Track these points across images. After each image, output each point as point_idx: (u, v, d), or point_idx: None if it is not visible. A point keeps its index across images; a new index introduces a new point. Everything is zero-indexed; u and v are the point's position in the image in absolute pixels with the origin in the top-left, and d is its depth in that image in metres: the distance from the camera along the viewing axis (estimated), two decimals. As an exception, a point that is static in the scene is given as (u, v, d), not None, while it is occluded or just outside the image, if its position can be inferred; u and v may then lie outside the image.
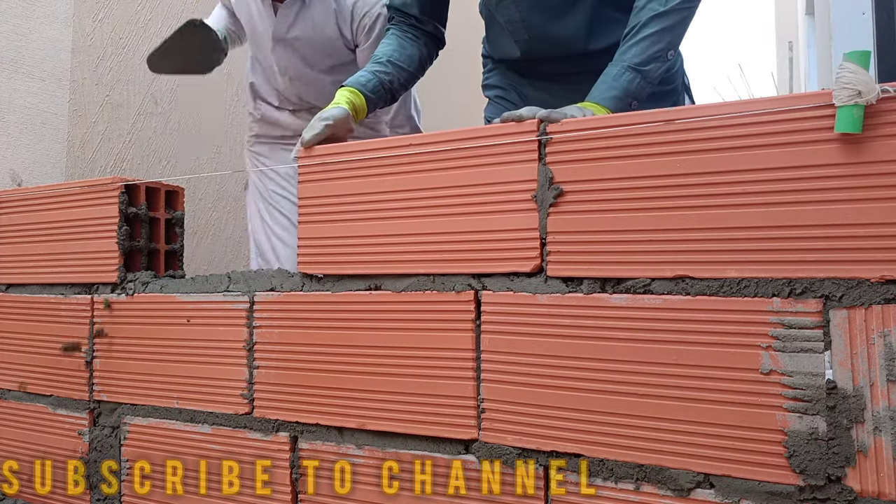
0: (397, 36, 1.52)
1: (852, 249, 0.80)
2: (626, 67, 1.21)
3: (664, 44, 1.23)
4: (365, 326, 1.09)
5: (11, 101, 1.92)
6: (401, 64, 1.47)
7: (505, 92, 1.62)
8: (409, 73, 1.49)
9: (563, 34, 1.44)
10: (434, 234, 1.05)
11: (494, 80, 1.65)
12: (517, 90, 1.60)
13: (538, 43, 1.47)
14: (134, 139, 2.27)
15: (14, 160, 1.92)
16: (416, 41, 1.52)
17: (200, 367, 1.26)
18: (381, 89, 1.42)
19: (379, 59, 1.47)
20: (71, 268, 1.44)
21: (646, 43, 1.22)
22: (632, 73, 1.20)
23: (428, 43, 1.55)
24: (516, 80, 1.60)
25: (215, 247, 2.57)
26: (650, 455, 0.89)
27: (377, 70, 1.43)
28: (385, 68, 1.44)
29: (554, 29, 1.44)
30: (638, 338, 0.90)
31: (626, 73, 1.20)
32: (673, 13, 1.23)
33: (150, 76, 2.31)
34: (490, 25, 1.58)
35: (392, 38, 1.52)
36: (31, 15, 1.97)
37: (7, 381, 1.53)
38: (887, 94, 0.78)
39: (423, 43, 1.53)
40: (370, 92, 1.39)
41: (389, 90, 1.45)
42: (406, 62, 1.48)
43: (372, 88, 1.39)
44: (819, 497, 0.80)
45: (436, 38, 1.57)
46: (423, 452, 1.04)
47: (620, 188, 0.93)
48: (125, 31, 2.25)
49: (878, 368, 0.78)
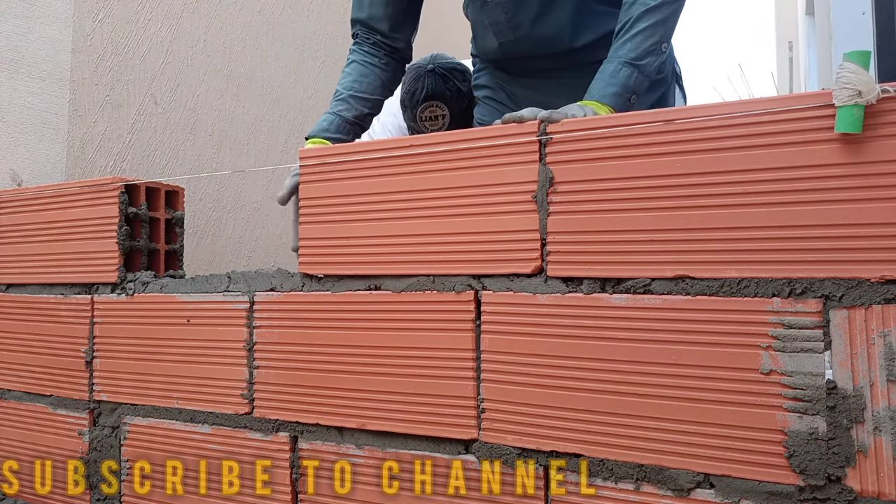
0: (358, 63, 1.50)
1: (852, 249, 0.80)
2: (623, 63, 1.21)
3: (658, 37, 1.23)
4: (365, 326, 1.10)
5: (11, 101, 1.92)
6: (362, 95, 1.46)
7: (493, 92, 1.62)
8: (373, 101, 1.48)
9: (549, 32, 1.44)
10: (434, 234, 1.05)
11: (483, 80, 1.65)
12: (505, 89, 1.60)
13: (524, 43, 1.47)
14: (134, 139, 2.27)
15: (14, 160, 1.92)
16: (377, 64, 1.49)
17: (200, 367, 1.26)
18: (346, 126, 1.43)
19: (340, 95, 1.46)
20: (71, 268, 1.44)
21: (640, 38, 1.22)
22: (629, 68, 1.21)
23: (391, 63, 1.52)
24: (504, 79, 1.60)
25: (215, 247, 2.57)
26: (650, 455, 0.89)
27: (339, 110, 1.44)
28: (346, 105, 1.44)
29: (539, 28, 1.44)
30: (638, 338, 0.90)
31: (623, 68, 1.21)
32: (664, 6, 1.23)
33: (150, 76, 2.31)
34: (475, 26, 1.57)
35: (352, 67, 1.50)
36: (31, 15, 1.97)
37: (7, 381, 1.53)
38: (887, 94, 0.78)
39: (386, 63, 1.51)
40: (336, 133, 1.41)
41: (356, 124, 1.45)
42: (368, 90, 1.47)
43: (336, 129, 1.41)
44: (819, 497, 0.80)
45: (400, 56, 1.54)
46: (423, 452, 1.05)
47: (620, 188, 0.93)
48: (125, 31, 2.24)
49: (878, 368, 0.78)
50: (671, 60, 1.57)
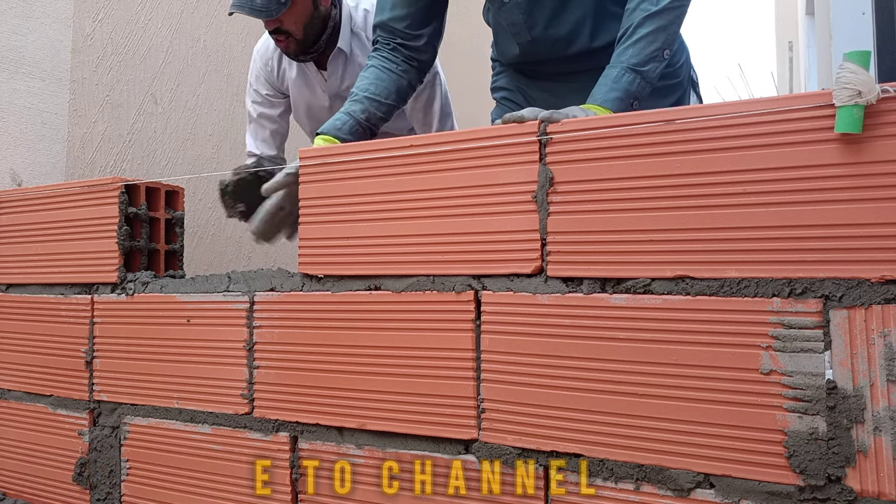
0: (375, 67, 1.49)
1: (852, 249, 0.80)
2: (626, 68, 1.21)
3: (660, 43, 1.23)
4: (365, 326, 1.09)
5: (11, 101, 1.92)
6: (377, 98, 1.45)
7: (511, 94, 1.62)
8: (387, 105, 1.47)
9: (566, 32, 1.44)
10: (434, 234, 1.05)
11: (502, 83, 1.66)
12: (523, 92, 1.61)
13: (541, 43, 1.47)
14: (134, 139, 2.27)
15: (14, 160, 1.92)
16: (395, 70, 1.49)
17: (200, 367, 1.26)
18: (357, 127, 1.42)
19: (355, 95, 1.46)
20: (71, 268, 1.44)
21: (642, 44, 1.22)
22: (632, 73, 1.21)
23: (409, 70, 1.51)
24: (522, 82, 1.61)
25: (215, 247, 2.57)
26: (650, 455, 0.89)
27: (352, 109, 1.43)
28: (360, 105, 1.44)
29: (555, 28, 1.45)
30: (638, 338, 0.90)
31: (626, 74, 1.21)
32: (665, 12, 1.23)
33: (150, 76, 2.31)
34: (495, 30, 1.59)
35: (370, 71, 1.49)
36: (31, 15, 1.97)
37: (7, 381, 1.53)
38: (887, 94, 0.78)
39: (404, 70, 1.50)
40: (347, 134, 1.40)
41: (367, 127, 1.44)
42: (383, 94, 1.46)
43: (348, 130, 1.41)
44: (819, 497, 0.80)
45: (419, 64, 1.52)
46: (423, 452, 1.04)
47: (621, 188, 0.93)
48: (125, 31, 2.24)
49: (878, 368, 0.78)
50: (687, 67, 1.57)
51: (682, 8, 1.26)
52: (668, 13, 1.24)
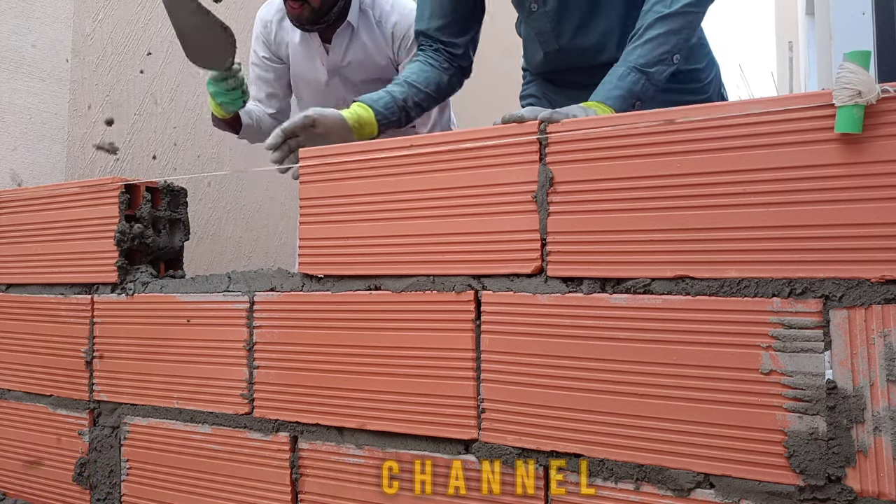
0: (420, 61, 1.53)
1: (852, 249, 0.80)
2: (632, 68, 1.21)
3: (669, 46, 1.22)
4: (365, 326, 1.09)
5: (11, 101, 1.92)
6: (417, 84, 1.47)
7: (538, 101, 1.64)
8: (426, 94, 1.49)
9: (593, 42, 1.45)
10: (434, 234, 1.05)
11: (530, 91, 1.67)
12: (549, 98, 1.62)
13: (569, 53, 1.48)
14: (134, 139, 2.27)
15: (14, 160, 1.92)
16: (439, 67, 1.52)
17: (200, 367, 1.26)
18: (393, 106, 1.43)
19: (397, 80, 1.49)
20: (71, 268, 1.44)
21: (651, 45, 1.22)
22: (637, 73, 1.21)
23: (451, 70, 1.54)
24: (550, 90, 1.62)
25: (215, 247, 2.57)
26: (650, 455, 0.89)
27: (391, 89, 1.45)
28: (400, 87, 1.46)
29: (582, 37, 1.45)
30: (638, 338, 0.90)
31: (631, 73, 1.21)
32: (678, 16, 1.22)
33: (150, 76, 2.31)
34: (525, 39, 1.60)
35: (413, 65, 1.52)
36: (31, 15, 1.97)
37: (7, 381, 1.53)
38: (887, 94, 0.78)
39: (446, 68, 1.53)
40: (381, 108, 1.41)
41: (403, 108, 1.45)
42: (423, 83, 1.48)
43: (384, 105, 1.42)
44: (819, 497, 0.80)
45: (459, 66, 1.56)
46: (423, 452, 1.04)
47: (621, 188, 0.93)
48: (125, 32, 2.24)
49: (879, 368, 0.78)
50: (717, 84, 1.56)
51: (696, 14, 1.25)
52: (680, 17, 1.23)
